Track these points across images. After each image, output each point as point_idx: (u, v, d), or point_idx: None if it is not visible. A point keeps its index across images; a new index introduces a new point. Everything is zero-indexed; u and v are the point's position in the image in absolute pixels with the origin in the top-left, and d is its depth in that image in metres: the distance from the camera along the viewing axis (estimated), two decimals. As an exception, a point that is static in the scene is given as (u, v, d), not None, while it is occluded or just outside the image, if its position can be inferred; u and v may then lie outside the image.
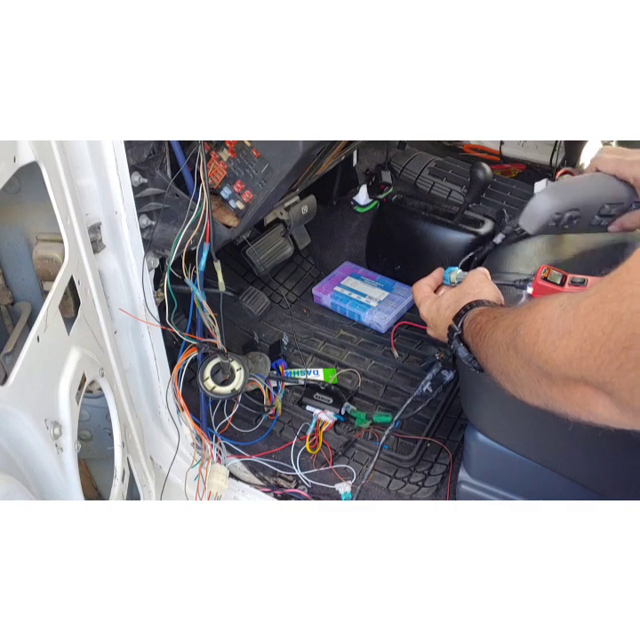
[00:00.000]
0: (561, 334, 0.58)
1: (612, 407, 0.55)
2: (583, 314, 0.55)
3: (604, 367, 0.53)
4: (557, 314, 0.60)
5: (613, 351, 0.51)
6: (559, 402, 0.62)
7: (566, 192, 1.04)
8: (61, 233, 0.83)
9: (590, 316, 0.54)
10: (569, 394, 0.60)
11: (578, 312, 0.56)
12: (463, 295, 0.93)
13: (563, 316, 0.59)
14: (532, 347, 0.63)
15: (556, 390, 0.62)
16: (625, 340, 0.50)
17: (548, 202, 1.01)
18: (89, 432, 1.05)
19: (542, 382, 0.64)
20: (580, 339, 0.55)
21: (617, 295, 0.51)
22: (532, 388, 0.67)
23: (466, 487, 1.19)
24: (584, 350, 0.54)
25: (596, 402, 0.57)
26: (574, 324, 0.56)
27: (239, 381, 1.22)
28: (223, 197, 1.13)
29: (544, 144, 2.17)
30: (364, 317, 1.75)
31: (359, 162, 2.05)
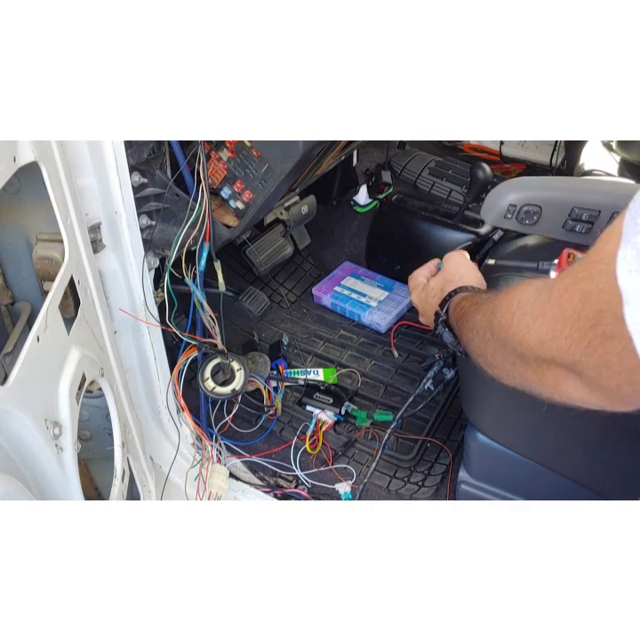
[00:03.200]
0: (535, 316, 0.59)
1: (581, 387, 0.56)
2: (556, 295, 0.56)
3: (574, 346, 0.53)
4: (533, 297, 0.61)
5: (583, 329, 0.52)
6: (533, 383, 0.64)
7: (525, 186, 1.04)
8: (61, 233, 0.82)
9: (563, 296, 0.55)
10: (542, 375, 0.61)
11: (552, 294, 0.57)
12: (446, 282, 0.95)
13: (538, 299, 0.60)
14: (507, 329, 0.64)
15: (530, 372, 0.63)
16: (593, 317, 0.50)
17: (505, 194, 1.02)
18: (89, 432, 1.05)
19: (517, 364, 0.65)
20: (552, 319, 0.56)
21: (587, 274, 0.51)
22: (507, 370, 0.68)
23: (466, 487, 1.19)
24: (556, 330, 0.55)
25: (566, 382, 0.58)
26: (548, 305, 0.57)
27: (239, 382, 1.22)
28: (223, 197, 1.13)
29: (544, 144, 2.17)
30: (364, 317, 1.75)
31: (359, 162, 2.06)
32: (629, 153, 1.91)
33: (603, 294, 0.49)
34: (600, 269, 0.49)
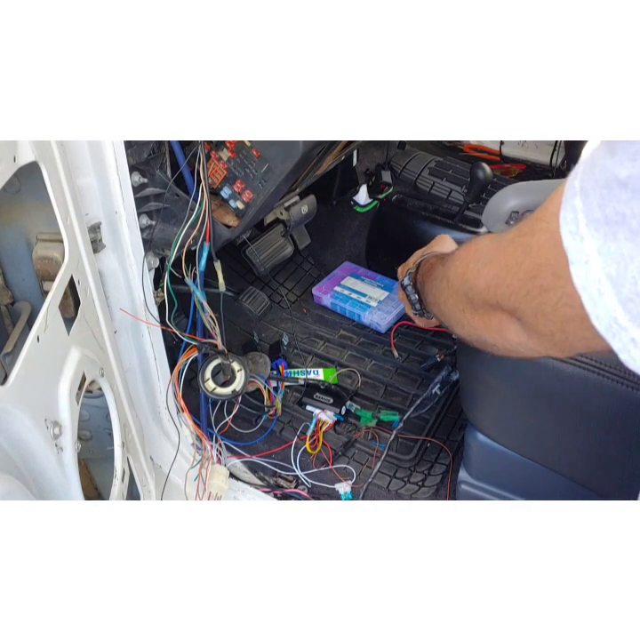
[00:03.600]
0: (484, 263, 0.64)
1: (521, 332, 0.61)
2: (504, 245, 0.60)
3: (515, 294, 0.58)
4: (486, 247, 0.66)
5: (522, 280, 0.56)
6: (480, 329, 0.69)
7: (528, 192, 1.04)
8: (61, 233, 0.82)
9: (509, 247, 0.59)
10: (488, 321, 0.66)
11: (500, 244, 0.61)
12: (425, 249, 1.02)
13: (489, 247, 0.65)
14: (461, 276, 0.70)
15: (478, 318, 0.68)
16: (532, 270, 0.54)
17: (508, 200, 1.02)
18: (89, 432, 1.05)
19: (466, 311, 0.70)
20: (498, 267, 0.61)
21: (530, 230, 0.55)
22: (457, 318, 0.73)
23: (466, 487, 1.19)
24: (500, 278, 0.60)
25: (509, 327, 0.62)
26: (496, 254, 0.62)
27: (240, 382, 1.22)
28: (223, 197, 1.13)
29: (544, 144, 2.17)
30: (364, 317, 1.75)
31: (359, 162, 2.05)
32: (629, 153, 1.91)
33: (542, 250, 0.52)
34: (541, 227, 0.53)
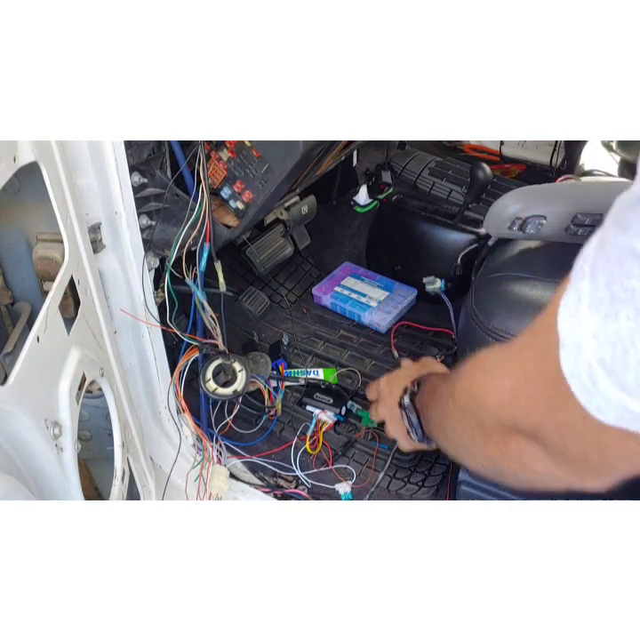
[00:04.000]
0: (494, 371, 0.55)
1: (546, 459, 0.52)
2: (518, 349, 0.52)
3: (535, 408, 0.49)
4: (494, 355, 0.57)
5: (543, 387, 0.47)
6: (494, 459, 0.59)
7: (531, 197, 1.03)
8: (61, 233, 0.82)
9: (524, 351, 0.50)
10: (503, 447, 0.56)
11: (513, 348, 0.53)
12: (414, 372, 0.99)
13: (498, 355, 0.56)
14: (467, 392, 0.60)
15: (491, 445, 0.58)
16: (553, 372, 0.44)
17: (511, 205, 1.01)
18: (89, 432, 1.05)
19: (477, 437, 0.60)
20: (514, 376, 0.51)
21: (547, 325, 0.46)
22: (467, 446, 0.63)
23: (466, 487, 1.19)
24: (517, 389, 0.51)
25: (530, 454, 0.53)
26: (510, 359, 0.53)
27: (241, 383, 1.22)
28: (223, 197, 1.13)
29: (544, 144, 2.17)
30: (364, 317, 1.75)
31: (359, 162, 2.05)
32: (629, 153, 1.91)
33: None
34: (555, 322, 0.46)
